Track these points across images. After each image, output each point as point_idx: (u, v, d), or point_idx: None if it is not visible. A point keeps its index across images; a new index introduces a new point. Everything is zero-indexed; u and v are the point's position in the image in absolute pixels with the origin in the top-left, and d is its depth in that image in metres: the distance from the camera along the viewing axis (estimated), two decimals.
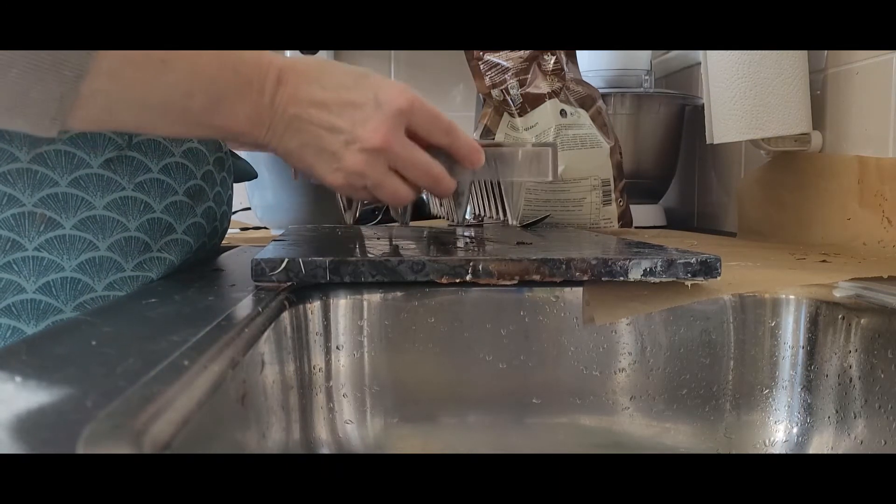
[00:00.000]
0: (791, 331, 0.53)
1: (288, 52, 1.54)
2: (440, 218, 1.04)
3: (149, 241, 0.56)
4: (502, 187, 0.59)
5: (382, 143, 0.49)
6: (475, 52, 1.00)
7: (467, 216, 0.71)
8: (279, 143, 0.49)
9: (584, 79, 1.05)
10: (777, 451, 0.52)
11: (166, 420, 0.25)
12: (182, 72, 0.42)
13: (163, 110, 0.43)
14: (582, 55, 1.13)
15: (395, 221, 0.81)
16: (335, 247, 0.58)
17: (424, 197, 0.76)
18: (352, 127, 0.48)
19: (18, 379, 0.28)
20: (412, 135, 0.51)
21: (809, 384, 0.52)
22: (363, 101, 0.48)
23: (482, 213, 0.69)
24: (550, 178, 0.57)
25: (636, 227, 1.11)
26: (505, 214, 0.60)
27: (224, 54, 0.44)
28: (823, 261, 0.68)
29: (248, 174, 0.80)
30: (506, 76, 0.99)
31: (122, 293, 0.54)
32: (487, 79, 1.00)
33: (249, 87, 0.46)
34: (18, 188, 0.51)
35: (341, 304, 0.52)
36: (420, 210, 0.98)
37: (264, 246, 0.60)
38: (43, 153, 0.52)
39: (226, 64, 0.44)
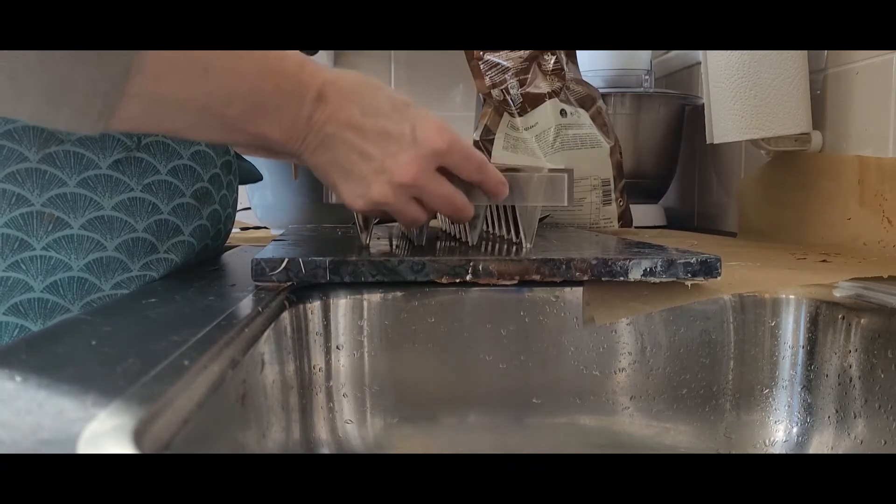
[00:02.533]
0: (791, 331, 0.53)
1: None
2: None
3: (156, 242, 0.56)
4: (517, 210, 0.59)
5: (412, 181, 0.49)
6: (475, 52, 1.00)
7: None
8: (310, 157, 0.49)
9: (584, 79, 1.05)
10: (777, 451, 0.52)
11: (166, 420, 0.25)
12: (223, 80, 0.42)
13: (201, 115, 0.43)
14: (582, 55, 1.13)
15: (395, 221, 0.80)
16: (335, 247, 0.58)
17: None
18: (384, 157, 0.48)
19: (18, 379, 0.28)
20: (442, 169, 0.51)
21: (809, 384, 0.52)
22: (399, 133, 0.48)
23: (494, 233, 0.69)
24: (566, 204, 0.57)
25: (636, 227, 1.11)
26: (518, 235, 0.60)
27: (267, 62, 0.44)
28: (823, 261, 0.68)
29: (253, 176, 0.80)
30: (506, 76, 0.99)
31: (129, 290, 0.55)
32: (487, 79, 1.00)
33: (288, 101, 0.46)
34: (27, 188, 0.52)
35: (341, 304, 0.52)
36: None
37: (264, 246, 0.60)
38: (52, 153, 0.52)
39: (267, 75, 0.44)
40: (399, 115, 0.49)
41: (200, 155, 0.60)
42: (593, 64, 1.24)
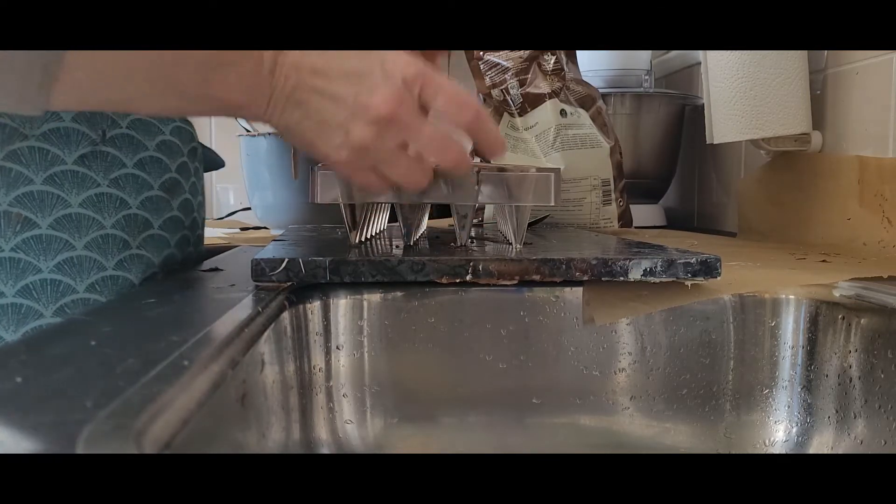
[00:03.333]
0: (791, 331, 0.53)
1: None
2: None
3: (127, 238, 0.55)
4: (506, 210, 0.59)
5: (391, 113, 0.45)
6: (475, 52, 1.00)
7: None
8: (280, 118, 0.45)
9: (584, 79, 1.05)
10: (777, 451, 0.52)
11: (166, 420, 0.25)
12: None
13: (150, 82, 0.40)
14: (582, 55, 1.13)
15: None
16: (335, 247, 0.58)
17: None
18: (356, 97, 0.44)
19: (18, 379, 0.28)
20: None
21: (809, 384, 0.52)
22: (369, 69, 0.45)
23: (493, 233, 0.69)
24: (552, 204, 0.57)
25: (636, 227, 1.11)
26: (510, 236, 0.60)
27: None
28: (823, 261, 0.68)
29: (215, 164, 0.78)
30: (506, 76, 0.99)
31: (103, 295, 0.54)
32: (487, 79, 1.00)
33: (246, 57, 0.42)
34: None
35: (341, 304, 0.52)
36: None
37: (264, 246, 0.60)
38: (17, 150, 0.51)
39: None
40: (364, 55, 0.45)
41: (166, 145, 0.59)
42: (593, 64, 1.24)
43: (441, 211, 1.01)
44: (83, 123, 0.53)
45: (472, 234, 0.74)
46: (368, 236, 0.65)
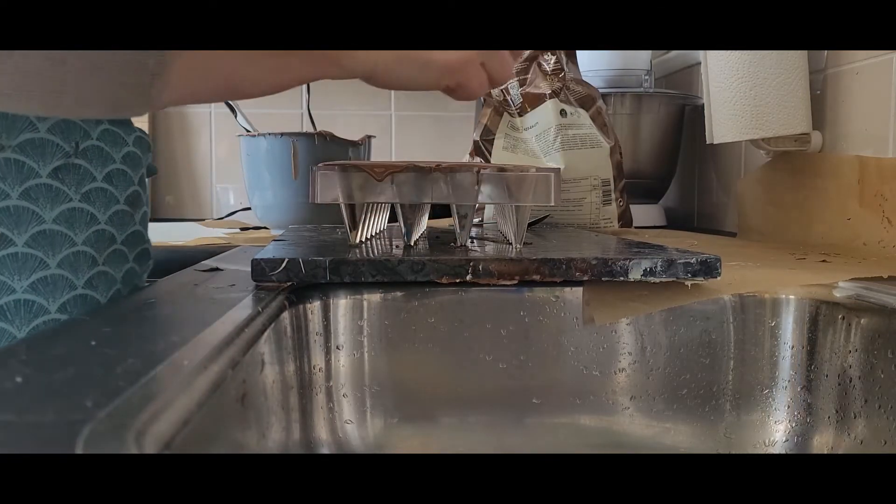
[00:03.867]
0: (791, 331, 0.53)
1: None
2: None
3: (95, 254, 0.54)
4: (506, 210, 0.59)
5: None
6: None
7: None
8: (384, 61, 0.44)
9: (584, 79, 1.05)
10: (777, 451, 0.52)
11: (166, 420, 0.25)
12: None
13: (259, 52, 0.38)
14: (582, 55, 1.13)
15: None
16: (335, 247, 0.58)
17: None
18: None
19: (18, 379, 0.28)
20: None
21: (809, 384, 0.52)
22: None
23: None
24: (553, 204, 0.57)
25: (636, 227, 1.11)
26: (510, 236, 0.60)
27: None
28: (823, 261, 0.68)
29: (150, 171, 0.78)
30: None
31: (72, 316, 0.52)
32: None
33: None
34: None
35: (341, 304, 0.52)
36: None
37: (264, 246, 0.60)
38: None
39: None
40: None
41: (130, 157, 0.58)
42: (593, 64, 1.24)
43: (441, 211, 1.01)
44: (58, 135, 0.52)
45: (472, 234, 0.74)
46: (368, 236, 0.64)
